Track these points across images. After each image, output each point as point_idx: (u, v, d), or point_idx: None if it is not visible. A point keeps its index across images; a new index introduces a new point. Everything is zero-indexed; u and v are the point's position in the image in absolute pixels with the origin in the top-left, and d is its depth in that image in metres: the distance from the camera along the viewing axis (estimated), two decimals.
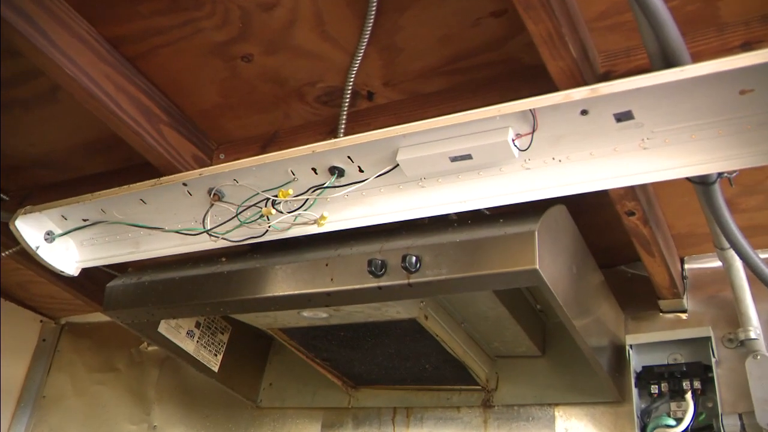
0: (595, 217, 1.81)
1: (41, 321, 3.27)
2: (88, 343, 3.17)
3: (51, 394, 3.14)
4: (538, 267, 1.37)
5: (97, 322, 3.18)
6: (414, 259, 1.47)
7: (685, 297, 1.97)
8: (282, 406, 2.50)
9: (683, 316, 1.98)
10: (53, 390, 3.14)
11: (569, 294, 1.55)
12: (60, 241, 1.96)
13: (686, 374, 1.82)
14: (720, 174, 1.33)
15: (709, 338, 1.83)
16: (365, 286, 1.54)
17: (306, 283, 1.63)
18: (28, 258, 2.08)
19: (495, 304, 1.80)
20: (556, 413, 2.05)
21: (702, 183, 1.38)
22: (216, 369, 2.29)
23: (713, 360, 1.81)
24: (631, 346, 1.90)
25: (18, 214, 1.90)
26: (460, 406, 2.19)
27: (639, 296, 2.02)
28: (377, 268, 1.51)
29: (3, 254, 2.22)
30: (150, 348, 2.93)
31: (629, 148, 1.32)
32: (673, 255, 1.91)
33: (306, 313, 1.83)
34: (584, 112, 1.29)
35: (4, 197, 2.35)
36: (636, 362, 1.90)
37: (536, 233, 1.40)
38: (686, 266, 2.01)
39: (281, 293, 1.66)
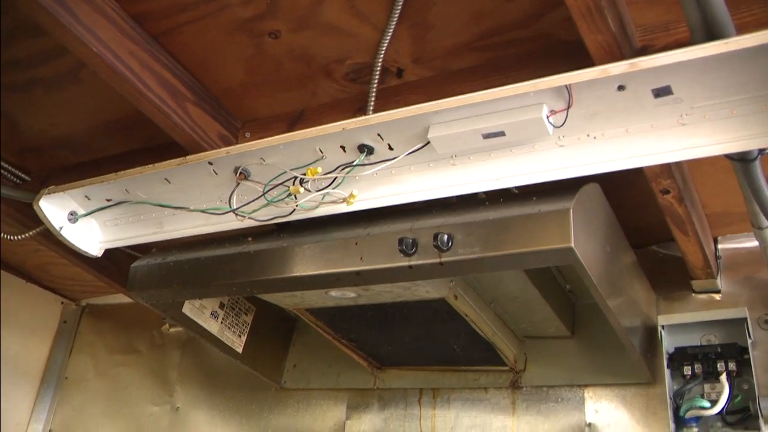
0: (627, 197, 1.77)
1: (62, 303, 3.28)
2: (109, 325, 3.18)
3: (73, 375, 3.15)
4: (573, 245, 1.34)
5: (118, 303, 3.18)
6: (446, 237, 1.44)
7: (718, 277, 1.94)
8: (306, 387, 2.49)
9: (717, 296, 1.95)
10: (75, 371, 3.15)
11: (603, 273, 1.52)
12: (83, 222, 1.95)
13: (721, 355, 1.79)
14: (761, 150, 1.30)
15: (744, 319, 1.79)
16: (396, 265, 1.51)
17: (335, 262, 1.61)
18: (50, 239, 2.08)
19: (525, 284, 1.78)
20: (586, 395, 2.03)
21: (742, 160, 1.35)
22: (240, 350, 2.28)
23: (749, 341, 1.78)
24: (663, 326, 1.87)
25: (42, 194, 1.89)
26: (488, 387, 2.17)
27: (671, 277, 1.99)
28: (408, 247, 1.48)
29: (27, 234, 2.21)
30: (172, 330, 2.93)
31: (667, 125, 1.29)
32: (707, 234, 1.87)
33: (334, 293, 1.81)
34: (621, 88, 1.26)
35: (26, 178, 2.34)
36: (668, 343, 1.87)
37: (571, 211, 1.37)
38: (720, 246, 1.98)
39: (309, 272, 1.64)
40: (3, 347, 2.97)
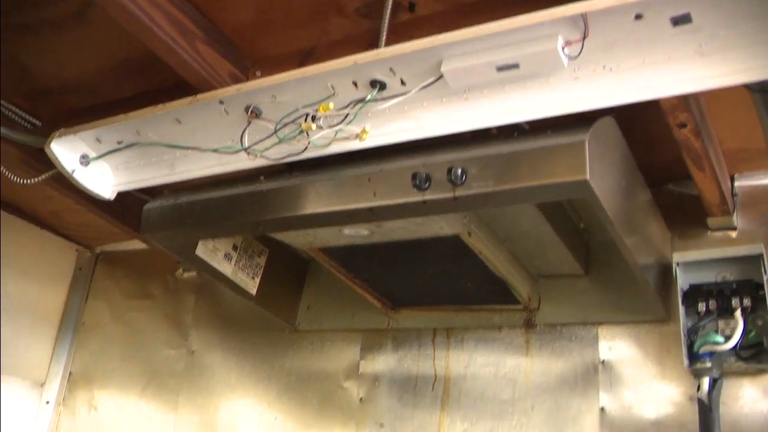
0: (642, 134, 1.75)
1: (76, 250, 3.31)
2: (124, 271, 3.20)
3: (90, 320, 3.18)
4: (588, 178, 1.33)
5: (132, 250, 3.20)
6: (460, 171, 1.43)
7: (734, 214, 1.92)
8: (320, 328, 2.51)
9: (732, 234, 1.93)
10: (92, 317, 3.19)
11: (618, 208, 1.51)
12: (95, 165, 1.94)
13: (736, 292, 1.79)
14: None
15: (760, 255, 1.78)
16: (409, 200, 1.50)
17: (348, 199, 1.60)
18: (62, 183, 2.07)
19: (539, 221, 1.77)
20: (600, 332, 2.04)
21: (762, 90, 1.32)
22: (254, 292, 2.28)
23: (765, 277, 1.77)
24: (678, 263, 1.86)
25: (53, 137, 1.88)
26: (502, 326, 2.18)
27: (686, 215, 1.98)
28: (422, 182, 1.47)
29: (41, 178, 2.21)
30: (186, 275, 2.95)
31: (685, 55, 1.26)
32: (723, 171, 1.85)
33: (347, 231, 1.80)
34: (638, 17, 1.23)
35: (37, 123, 2.34)
36: (683, 280, 1.86)
37: (586, 143, 1.35)
38: (737, 183, 1.96)
39: (323, 210, 1.64)
40: (21, 294, 3.01)
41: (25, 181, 2.24)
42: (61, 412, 3.05)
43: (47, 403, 3.05)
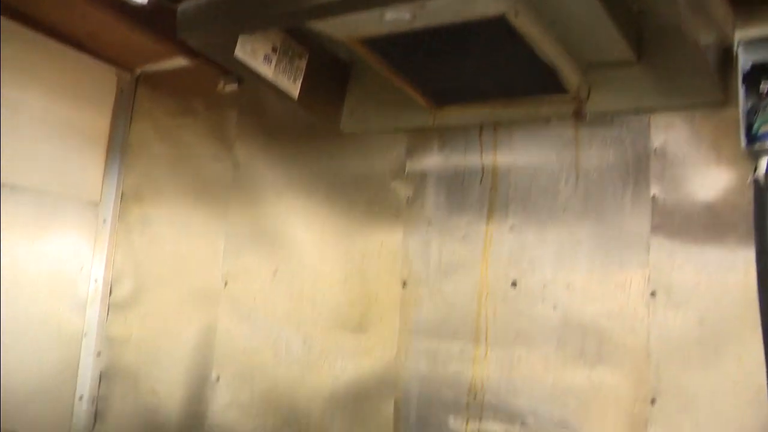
0: None
1: (116, 73, 3.28)
2: (165, 91, 3.19)
3: (136, 141, 3.21)
4: None
5: (171, 69, 3.17)
6: None
7: None
8: (365, 131, 2.47)
9: None
10: (138, 137, 3.21)
11: None
12: None
13: None
14: None
15: None
16: None
17: None
18: None
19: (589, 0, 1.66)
20: (652, 120, 1.97)
21: None
22: (296, 95, 2.22)
23: None
24: (740, 42, 1.75)
25: None
26: (550, 117, 2.11)
27: None
28: None
29: None
30: (227, 89, 2.91)
31: None
32: None
33: (389, 15, 1.72)
34: None
35: None
36: (744, 60, 1.74)
37: None
38: None
39: None
40: (68, 119, 3.04)
41: None
42: (117, 228, 3.15)
43: (104, 221, 3.14)
